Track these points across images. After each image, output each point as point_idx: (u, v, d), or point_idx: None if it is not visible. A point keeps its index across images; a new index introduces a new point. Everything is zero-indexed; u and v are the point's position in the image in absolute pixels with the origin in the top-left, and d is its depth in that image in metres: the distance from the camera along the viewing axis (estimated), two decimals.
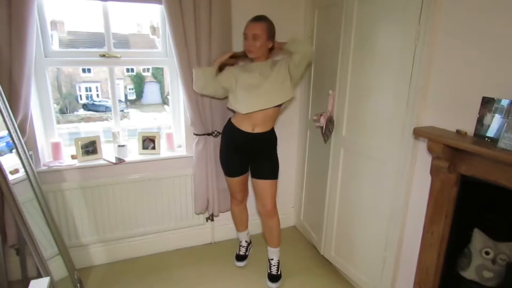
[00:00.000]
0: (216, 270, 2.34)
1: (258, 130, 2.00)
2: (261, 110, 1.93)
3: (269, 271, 2.23)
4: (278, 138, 2.14)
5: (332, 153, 2.18)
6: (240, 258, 2.42)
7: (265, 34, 1.90)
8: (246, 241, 2.48)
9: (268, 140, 2.07)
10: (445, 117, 1.50)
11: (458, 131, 1.41)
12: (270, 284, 2.18)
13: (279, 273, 2.23)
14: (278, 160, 2.14)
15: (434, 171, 1.52)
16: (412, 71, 1.56)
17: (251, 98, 1.93)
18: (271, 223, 2.16)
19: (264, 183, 2.08)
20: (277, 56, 2.17)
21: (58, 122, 2.32)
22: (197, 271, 2.32)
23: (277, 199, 2.83)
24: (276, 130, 2.12)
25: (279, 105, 2.00)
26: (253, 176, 2.13)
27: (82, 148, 2.20)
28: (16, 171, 1.69)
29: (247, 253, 2.47)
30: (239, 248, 2.48)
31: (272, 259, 2.24)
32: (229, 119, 2.09)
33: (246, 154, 2.08)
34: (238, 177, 2.16)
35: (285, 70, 1.96)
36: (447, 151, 1.41)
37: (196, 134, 2.30)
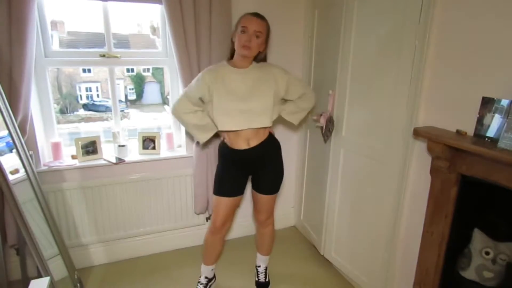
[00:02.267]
0: (216, 270, 2.33)
1: (255, 143, 1.77)
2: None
3: (256, 279, 2.15)
4: (278, 138, 2.11)
5: (332, 153, 2.18)
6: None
7: (265, 36, 1.72)
8: (206, 277, 2.07)
9: (269, 148, 1.84)
10: (445, 117, 1.50)
11: (458, 131, 1.41)
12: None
13: (267, 280, 2.14)
14: (283, 169, 1.93)
15: (434, 171, 1.52)
16: (412, 71, 1.56)
17: (234, 115, 1.70)
18: (264, 231, 2.05)
19: (263, 198, 1.90)
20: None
21: (58, 122, 2.32)
22: (197, 271, 2.32)
23: (277, 200, 2.82)
24: (275, 129, 2.11)
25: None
26: (253, 187, 1.93)
27: (82, 148, 2.21)
28: (16, 171, 1.69)
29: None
30: (197, 285, 2.07)
31: (259, 266, 2.14)
32: (222, 140, 1.86)
33: (247, 169, 1.87)
34: (229, 197, 1.84)
35: (278, 92, 1.77)
36: (447, 151, 1.41)
37: None
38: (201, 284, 2.07)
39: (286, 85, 1.80)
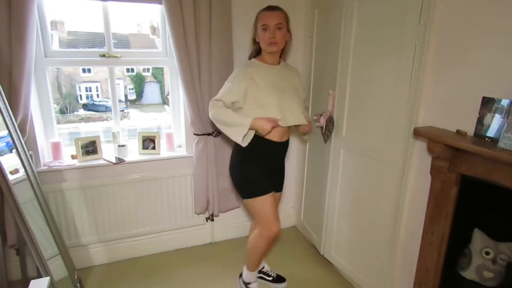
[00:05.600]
0: (216, 270, 2.34)
1: (286, 138, 1.86)
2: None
3: (270, 279, 2.19)
4: None
5: (332, 153, 2.18)
6: (276, 280, 2.20)
7: (287, 24, 1.72)
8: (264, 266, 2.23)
9: (288, 146, 1.93)
10: (445, 117, 1.50)
11: (458, 131, 1.41)
12: (281, 284, 2.17)
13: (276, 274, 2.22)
14: None
15: (434, 171, 1.52)
16: (412, 71, 1.56)
17: (287, 110, 1.74)
18: None
19: (278, 196, 1.99)
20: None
21: (58, 122, 2.32)
22: (197, 271, 2.32)
23: None
24: None
25: None
26: None
27: (82, 148, 2.21)
28: (16, 171, 1.69)
29: (272, 273, 2.23)
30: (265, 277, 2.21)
31: (263, 267, 2.22)
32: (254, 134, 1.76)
33: (272, 164, 1.89)
34: (271, 192, 1.81)
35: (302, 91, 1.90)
36: (447, 151, 1.41)
37: (196, 134, 2.30)
38: (267, 275, 2.20)
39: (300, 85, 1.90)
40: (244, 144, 1.70)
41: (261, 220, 1.80)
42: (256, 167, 1.79)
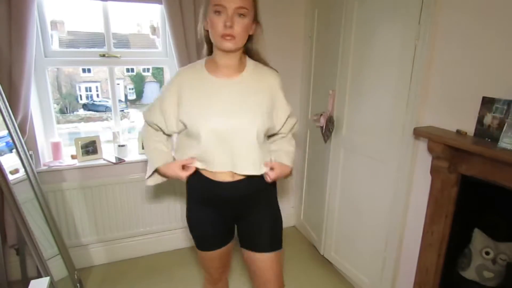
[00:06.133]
0: None
1: (241, 176, 1.21)
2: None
3: None
4: None
5: (332, 153, 2.18)
6: None
7: (253, 12, 1.12)
8: None
9: (262, 184, 1.26)
10: (445, 117, 1.50)
11: (458, 131, 1.41)
12: None
13: None
14: (280, 212, 1.37)
15: (434, 171, 1.52)
16: (412, 71, 1.56)
17: (225, 146, 1.16)
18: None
19: (264, 258, 1.27)
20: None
21: (58, 122, 2.32)
22: (197, 271, 2.32)
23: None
24: None
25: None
26: (244, 245, 1.32)
27: (82, 148, 2.21)
28: (16, 171, 1.69)
29: None
30: None
31: None
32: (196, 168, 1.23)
33: (230, 213, 1.29)
34: (218, 249, 1.32)
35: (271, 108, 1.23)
36: (447, 151, 1.41)
37: None
38: None
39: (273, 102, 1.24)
40: (148, 183, 1.36)
41: (202, 265, 1.44)
42: (197, 215, 1.30)
